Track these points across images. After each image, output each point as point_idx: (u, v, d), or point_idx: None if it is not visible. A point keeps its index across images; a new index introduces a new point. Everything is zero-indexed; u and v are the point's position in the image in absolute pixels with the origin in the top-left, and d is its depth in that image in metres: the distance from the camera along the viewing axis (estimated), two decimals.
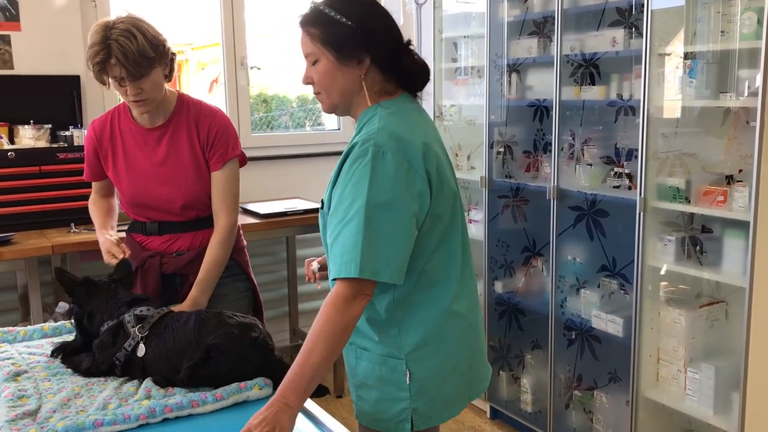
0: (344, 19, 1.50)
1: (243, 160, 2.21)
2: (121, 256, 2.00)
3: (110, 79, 1.95)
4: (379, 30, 1.54)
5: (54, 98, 3.32)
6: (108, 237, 2.10)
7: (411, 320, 1.56)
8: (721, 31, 2.29)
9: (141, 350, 1.65)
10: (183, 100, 2.14)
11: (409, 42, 1.59)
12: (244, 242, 2.36)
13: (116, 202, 2.31)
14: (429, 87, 1.66)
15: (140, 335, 1.66)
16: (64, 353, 1.77)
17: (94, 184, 2.29)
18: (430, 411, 1.60)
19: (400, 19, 3.76)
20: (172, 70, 2.07)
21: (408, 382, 1.56)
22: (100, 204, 2.27)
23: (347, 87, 1.55)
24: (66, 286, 1.83)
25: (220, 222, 2.11)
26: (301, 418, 1.50)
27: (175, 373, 1.60)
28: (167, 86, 2.10)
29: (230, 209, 2.12)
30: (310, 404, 1.55)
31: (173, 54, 2.06)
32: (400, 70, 1.56)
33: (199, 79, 4.63)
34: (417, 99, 1.64)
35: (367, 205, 1.41)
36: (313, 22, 1.53)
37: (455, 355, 1.61)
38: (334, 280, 1.44)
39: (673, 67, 2.41)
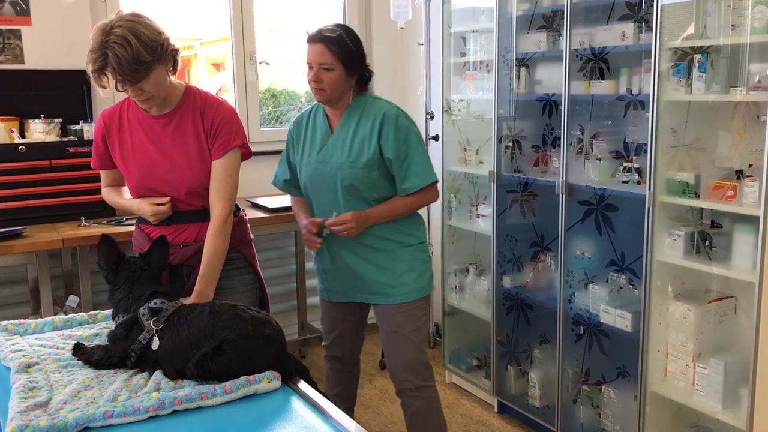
0: (353, 46, 2.32)
1: (247, 153, 2.21)
2: (166, 201, 2.14)
3: (110, 83, 1.97)
4: (364, 57, 2.39)
5: (64, 93, 3.34)
6: (142, 199, 2.18)
7: (418, 219, 2.53)
8: (732, 25, 2.27)
9: (155, 343, 1.66)
10: (190, 91, 2.16)
11: (369, 63, 2.44)
12: (251, 236, 2.38)
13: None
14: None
15: (155, 328, 1.67)
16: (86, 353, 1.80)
17: (102, 175, 2.32)
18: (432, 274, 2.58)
19: (408, 14, 3.76)
20: (176, 65, 2.09)
21: (430, 255, 2.61)
22: (114, 190, 2.32)
23: (344, 89, 2.35)
24: (103, 252, 1.92)
25: (215, 211, 2.12)
26: (306, 410, 1.51)
27: (187, 365, 1.61)
28: (174, 78, 2.12)
29: (226, 199, 2.13)
30: (316, 396, 1.56)
31: (175, 50, 2.07)
32: (366, 82, 2.44)
33: (207, 83, 4.64)
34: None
35: (419, 140, 2.40)
36: (335, 43, 2.27)
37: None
38: (411, 193, 2.39)
39: (683, 62, 2.40)
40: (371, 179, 2.35)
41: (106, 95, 2.08)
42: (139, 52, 1.91)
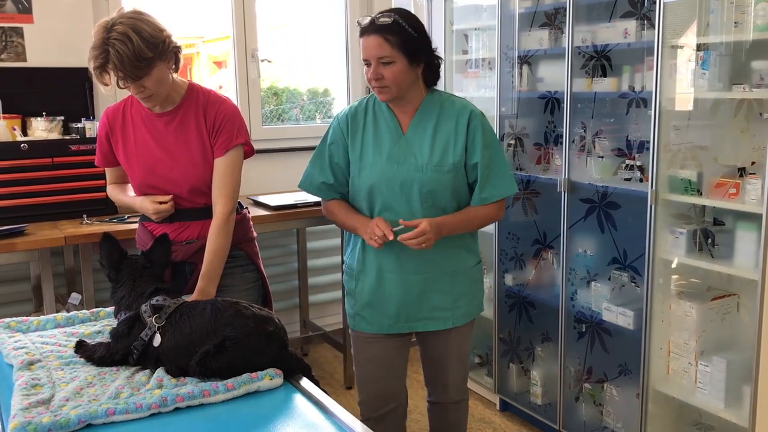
0: (414, 33, 2.03)
1: (250, 152, 2.21)
2: (168, 199, 2.14)
3: (112, 80, 1.98)
4: (429, 42, 2.10)
5: (66, 90, 3.33)
6: (144, 197, 2.18)
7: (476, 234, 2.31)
8: (735, 22, 2.27)
9: (157, 340, 1.66)
10: (193, 88, 2.16)
11: (436, 48, 2.13)
12: (254, 233, 2.37)
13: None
14: (440, 79, 2.19)
15: (157, 325, 1.67)
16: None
17: (107, 172, 2.32)
18: None
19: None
20: (178, 63, 2.09)
21: (484, 274, 2.46)
22: (119, 187, 2.32)
23: (410, 83, 2.07)
24: (105, 251, 1.92)
25: (217, 209, 2.13)
26: (308, 407, 1.51)
27: (189, 362, 1.61)
28: (177, 75, 2.12)
29: (228, 196, 2.13)
30: (318, 393, 1.56)
31: (177, 47, 2.07)
32: (435, 71, 2.14)
33: (208, 81, 4.64)
34: None
35: (498, 143, 2.19)
36: (391, 31, 2.00)
37: None
38: (490, 202, 2.17)
39: (686, 59, 2.40)
40: (455, 185, 2.13)
41: (108, 93, 2.08)
42: (141, 48, 1.91)
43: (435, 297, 2.20)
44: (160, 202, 2.14)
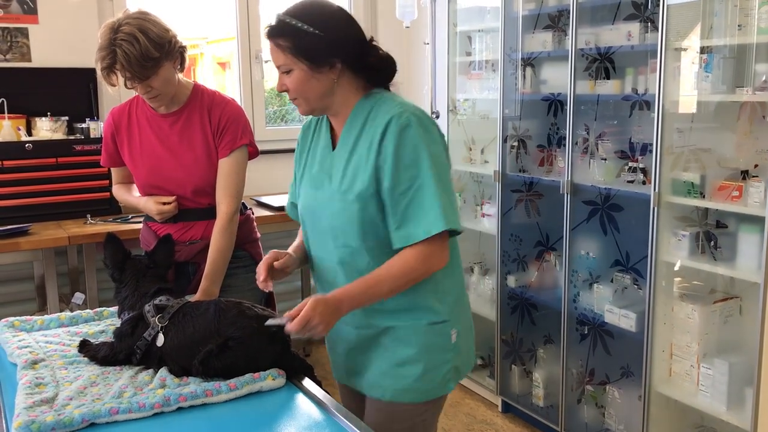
0: (311, 29, 1.55)
1: (254, 152, 2.22)
2: (171, 200, 2.14)
3: (119, 80, 1.99)
4: (344, 34, 1.60)
5: (71, 91, 3.35)
6: (148, 198, 2.19)
7: (447, 281, 1.70)
8: (738, 25, 2.27)
9: (160, 340, 1.66)
10: (198, 89, 2.17)
11: (371, 39, 1.65)
12: (258, 234, 2.38)
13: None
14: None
15: (160, 325, 1.68)
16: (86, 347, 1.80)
17: (113, 172, 2.34)
18: (463, 364, 1.77)
19: (414, 13, 3.76)
20: (183, 62, 2.10)
21: (453, 341, 1.70)
22: (125, 187, 2.34)
23: (323, 91, 1.61)
24: (109, 251, 1.91)
25: (221, 209, 2.13)
26: (311, 407, 1.51)
27: (192, 362, 1.61)
28: (182, 76, 2.13)
29: (232, 197, 2.14)
30: (320, 393, 1.57)
31: (183, 47, 2.08)
32: (369, 68, 1.64)
33: (212, 82, 4.65)
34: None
35: (433, 165, 1.55)
36: (281, 34, 1.57)
37: (469, 305, 1.83)
38: (406, 246, 1.58)
39: (689, 62, 2.40)
40: (363, 219, 1.60)
41: (115, 93, 2.09)
42: (147, 48, 1.92)
43: (373, 354, 1.71)
44: (164, 203, 2.15)
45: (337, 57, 1.58)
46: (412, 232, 1.56)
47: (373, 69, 1.64)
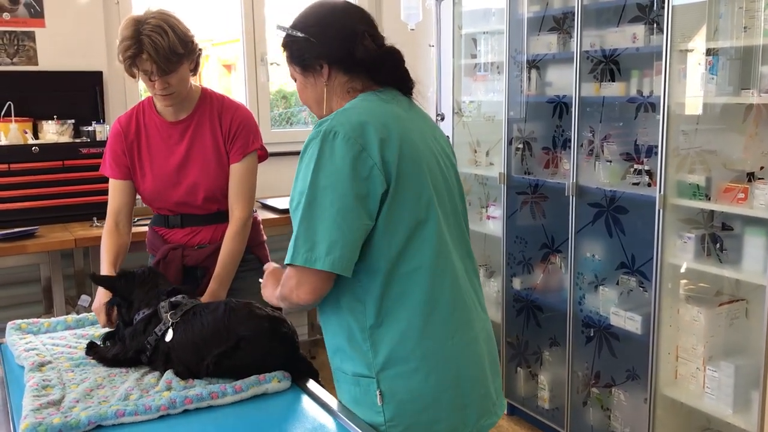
0: (300, 34, 1.50)
1: (263, 155, 2.22)
2: (109, 327, 1.89)
3: (140, 73, 1.98)
4: (326, 32, 1.49)
5: (77, 94, 3.36)
6: (101, 301, 1.94)
7: (384, 333, 1.42)
8: (744, 27, 2.27)
9: (169, 335, 1.67)
10: (206, 94, 2.17)
11: (365, 32, 1.49)
12: (264, 237, 2.38)
13: (129, 239, 2.18)
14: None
15: (171, 321, 1.68)
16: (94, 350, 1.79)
17: (113, 189, 2.20)
18: None
19: (419, 16, 3.76)
20: (197, 66, 2.11)
21: (380, 404, 1.43)
22: (113, 239, 2.15)
23: (318, 96, 1.54)
24: (106, 286, 1.87)
25: (234, 214, 2.13)
26: (316, 410, 1.51)
27: (199, 361, 1.62)
28: (191, 81, 2.14)
29: (245, 202, 2.14)
30: (326, 396, 1.57)
31: (200, 50, 2.09)
32: (360, 64, 1.49)
33: (218, 84, 4.66)
34: (406, 95, 1.57)
35: (310, 187, 1.36)
36: (282, 45, 1.55)
37: (438, 380, 1.43)
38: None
39: (695, 64, 2.39)
40: None
41: (120, 96, 2.09)
42: (175, 43, 1.94)
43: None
44: (106, 323, 1.91)
45: (321, 58, 1.49)
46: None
47: (363, 66, 1.48)
